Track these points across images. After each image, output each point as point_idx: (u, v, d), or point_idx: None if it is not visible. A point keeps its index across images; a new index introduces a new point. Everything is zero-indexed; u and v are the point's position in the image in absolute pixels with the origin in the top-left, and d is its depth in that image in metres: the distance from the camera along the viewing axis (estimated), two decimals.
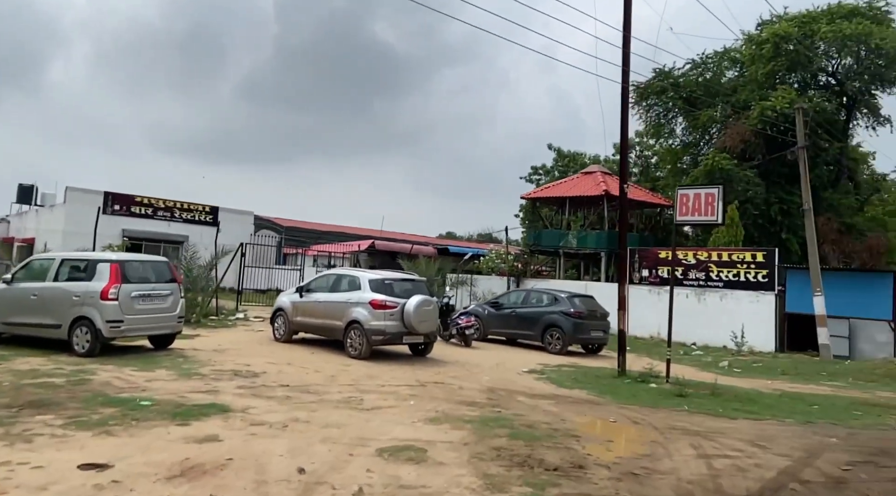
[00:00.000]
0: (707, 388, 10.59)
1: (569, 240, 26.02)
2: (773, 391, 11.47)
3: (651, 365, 12.05)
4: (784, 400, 10.33)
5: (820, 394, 11.36)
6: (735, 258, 20.58)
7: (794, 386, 12.79)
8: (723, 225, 11.25)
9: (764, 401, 9.94)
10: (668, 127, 31.02)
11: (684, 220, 11.26)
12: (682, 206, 11.17)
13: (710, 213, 10.79)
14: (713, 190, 10.83)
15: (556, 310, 15.43)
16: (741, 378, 13.85)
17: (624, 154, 11.99)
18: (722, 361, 16.27)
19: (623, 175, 12.02)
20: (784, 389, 11.94)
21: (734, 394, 10.26)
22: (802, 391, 11.82)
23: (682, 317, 21.67)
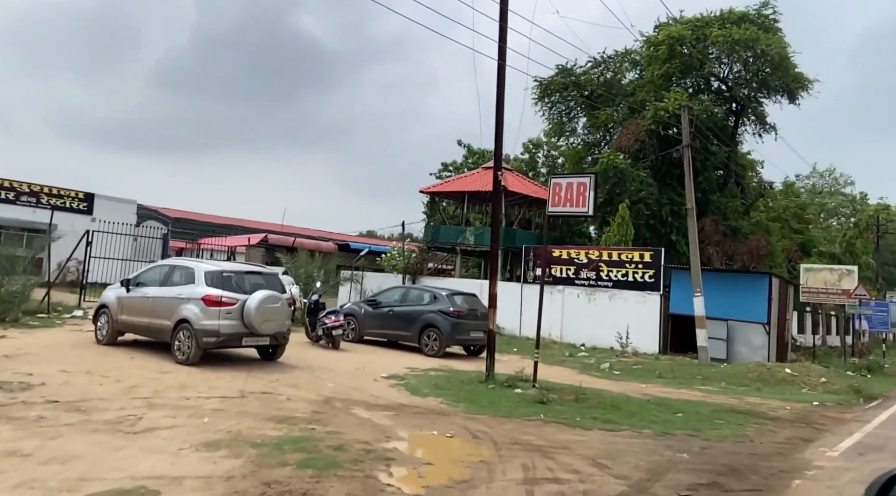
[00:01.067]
0: (574, 394, 10.04)
1: (466, 236, 25.38)
2: (643, 396, 11.12)
3: (523, 368, 11.40)
4: (650, 406, 9.93)
5: (688, 400, 11.12)
6: (624, 258, 20.65)
7: (666, 390, 12.59)
8: (593, 217, 10.54)
9: (628, 409, 9.46)
10: (570, 125, 31.20)
11: (557, 212, 10.64)
12: (555, 196, 10.56)
13: (582, 203, 10.23)
14: (585, 179, 10.26)
15: (435, 309, 14.55)
16: (618, 381, 13.56)
17: (499, 140, 11.22)
18: (604, 363, 16.04)
19: (497, 162, 11.25)
20: (655, 394, 11.66)
21: (599, 400, 9.74)
22: (672, 396, 11.57)
23: (572, 317, 21.65)
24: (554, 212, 10.65)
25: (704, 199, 26.79)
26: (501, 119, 11.19)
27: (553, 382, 11.47)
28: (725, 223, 26.22)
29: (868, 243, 46.38)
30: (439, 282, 25.81)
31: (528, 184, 27.36)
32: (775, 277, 18.28)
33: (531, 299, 22.46)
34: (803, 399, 12.66)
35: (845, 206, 68.20)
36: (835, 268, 23.04)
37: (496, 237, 11.59)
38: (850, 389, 13.87)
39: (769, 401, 12.05)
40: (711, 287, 18.49)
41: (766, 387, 14.09)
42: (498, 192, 11.21)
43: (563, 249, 22.38)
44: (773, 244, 25.65)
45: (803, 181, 74.14)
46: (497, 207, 11.29)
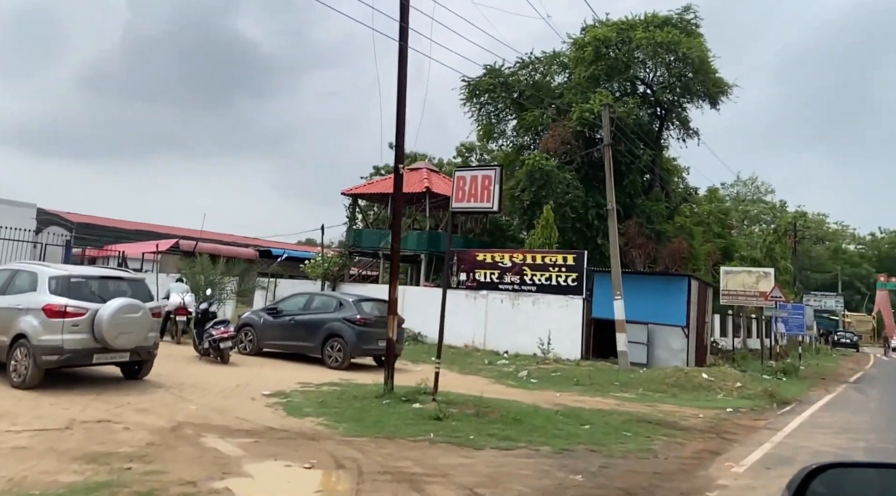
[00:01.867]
0: (476, 407, 9.26)
1: (388, 241, 24.33)
2: (554, 406, 10.48)
3: (424, 380, 10.54)
4: (557, 418, 9.27)
5: (600, 410, 10.56)
6: (548, 261, 20.23)
7: (580, 399, 12.03)
8: (498, 213, 9.88)
9: (532, 422, 8.75)
10: (499, 127, 30.82)
11: (460, 207, 9.86)
12: (459, 190, 9.78)
13: (486, 198, 9.49)
14: (490, 172, 9.52)
15: (340, 316, 13.50)
16: (533, 390, 12.93)
17: (400, 130, 10.33)
18: (522, 371, 15.42)
19: (398, 154, 10.34)
20: (567, 403, 11.05)
21: (502, 414, 8.99)
22: (585, 406, 10.99)
23: (496, 323, 21.03)
24: (458, 208, 9.87)
25: (629, 203, 26.91)
26: (403, 106, 10.34)
27: (459, 394, 10.68)
28: (650, 226, 26.38)
29: (786, 248, 48.53)
30: (360, 288, 24.73)
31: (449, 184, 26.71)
32: (694, 279, 18.26)
33: (456, 306, 21.73)
34: (717, 405, 12.39)
35: (766, 214, 71.57)
36: (752, 270, 23.48)
37: (397, 236, 10.70)
38: (765, 394, 13.76)
39: (683, 409, 11.68)
40: (632, 290, 18.26)
41: (682, 392, 13.80)
42: (398, 185, 10.32)
43: (487, 253, 21.77)
44: (696, 248, 25.99)
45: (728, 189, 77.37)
46: (398, 203, 10.39)
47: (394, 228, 10.53)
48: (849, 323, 67.59)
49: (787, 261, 47.72)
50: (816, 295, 58.46)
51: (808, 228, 75.97)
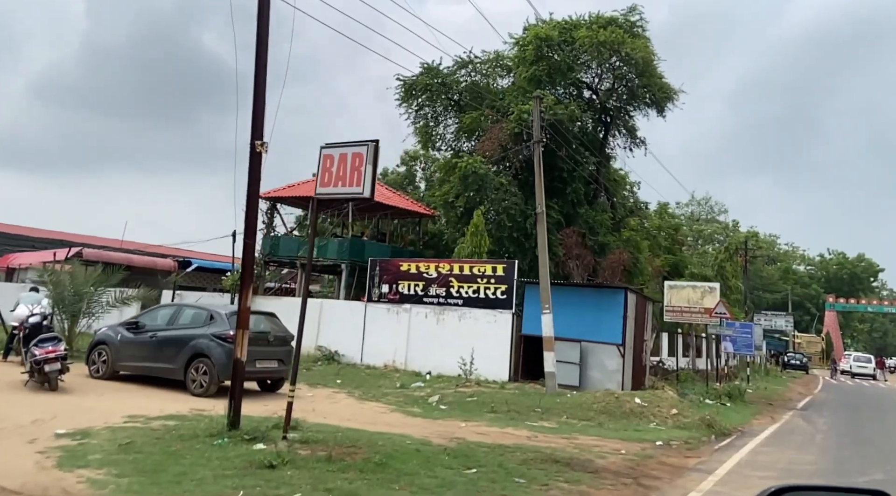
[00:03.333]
0: (335, 447, 7.37)
1: (307, 249, 22.24)
2: (447, 442, 8.66)
3: (310, 410, 8.62)
4: (440, 460, 7.45)
5: (502, 445, 8.78)
6: (476, 271, 18.53)
7: (486, 430, 10.26)
8: (371, 200, 7.97)
9: (402, 466, 6.90)
10: (436, 131, 29.22)
11: (326, 193, 8.01)
12: (325, 172, 7.94)
13: (356, 181, 7.68)
14: (361, 149, 7.71)
15: (208, 332, 11.39)
16: (437, 419, 11.10)
17: (259, 96, 8.45)
18: (435, 396, 13.58)
19: (255, 127, 8.41)
20: (466, 437, 9.25)
21: (367, 456, 7.12)
22: (486, 440, 9.21)
23: (419, 340, 19.15)
24: (324, 194, 8.01)
25: (572, 212, 25.61)
26: (264, 65, 8.48)
27: (335, 428, 8.81)
28: (593, 237, 25.07)
29: (737, 267, 48.35)
30: (275, 302, 22.51)
31: (385, 191, 24.84)
32: (632, 293, 16.83)
33: (376, 321, 19.83)
34: (647, 436, 10.80)
35: (720, 233, 72.20)
36: (697, 285, 22.36)
37: (252, 231, 8.75)
38: (702, 423, 12.27)
39: (605, 442, 10.03)
40: (564, 304, 16.71)
41: (610, 420, 12.20)
42: (255, 168, 8.38)
43: (411, 262, 19.95)
44: (641, 262, 24.74)
45: (683, 208, 78.07)
46: (253, 187, 8.43)
47: (247, 221, 8.56)
48: (799, 344, 68.27)
49: (738, 280, 47.54)
50: (767, 314, 58.68)
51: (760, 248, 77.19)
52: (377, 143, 7.77)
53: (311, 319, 20.98)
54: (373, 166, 7.71)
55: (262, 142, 8.38)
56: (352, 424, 9.54)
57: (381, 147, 7.84)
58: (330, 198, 7.83)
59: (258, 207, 8.06)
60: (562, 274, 21.48)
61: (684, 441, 10.97)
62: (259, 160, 8.41)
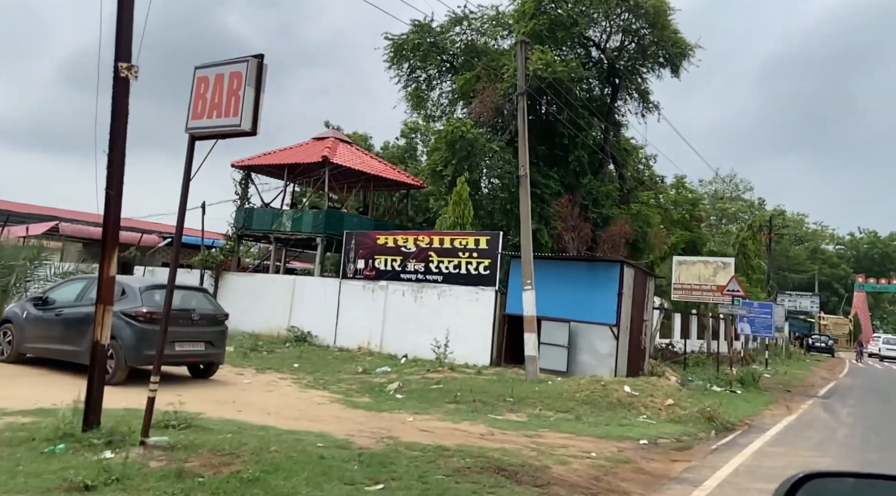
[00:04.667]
0: (215, 455, 5.82)
1: (282, 221, 20.75)
2: (369, 444, 7.07)
3: (235, 400, 7.07)
4: (344, 470, 5.85)
5: (439, 447, 7.16)
6: (457, 244, 16.83)
7: (436, 426, 8.65)
8: (253, 134, 6.09)
9: (286, 482, 5.32)
10: (430, 97, 27.35)
11: (198, 127, 6.27)
12: (199, 99, 6.25)
13: (233, 111, 5.97)
14: (239, 67, 5.99)
15: (117, 310, 9.83)
16: (384, 412, 9.53)
17: (127, 6, 6.79)
18: (395, 383, 12.00)
19: (120, 46, 6.73)
20: (403, 436, 7.64)
21: (242, 467, 5.55)
22: (425, 440, 7.59)
23: (396, 321, 17.55)
24: (196, 127, 6.30)
25: (574, 182, 23.71)
26: None
27: (233, 426, 7.28)
28: (597, 210, 23.20)
29: (760, 245, 46.03)
30: (247, 280, 21.13)
31: (368, 159, 23.15)
32: (629, 267, 14.98)
33: (351, 299, 18.28)
34: (630, 433, 9.11)
35: (744, 211, 69.41)
36: (710, 260, 20.41)
37: (118, 181, 7.07)
38: (701, 416, 10.53)
39: (576, 441, 8.37)
40: (552, 279, 15.00)
41: (592, 412, 10.52)
42: (120, 98, 6.70)
43: (388, 235, 18.30)
44: (650, 236, 22.71)
45: (706, 186, 75.26)
46: (119, 122, 6.74)
47: (111, 165, 6.88)
48: (825, 325, 65.65)
49: (761, 259, 45.27)
50: (791, 295, 56.21)
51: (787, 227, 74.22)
52: (261, 59, 6.05)
53: (283, 298, 19.64)
54: (255, 90, 5.99)
55: (130, 65, 6.71)
56: (268, 420, 8.00)
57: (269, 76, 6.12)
58: (203, 133, 6.17)
59: (125, 148, 6.41)
60: (558, 248, 19.70)
61: (676, 438, 9.27)
62: (125, 87, 6.74)
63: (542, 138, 24.30)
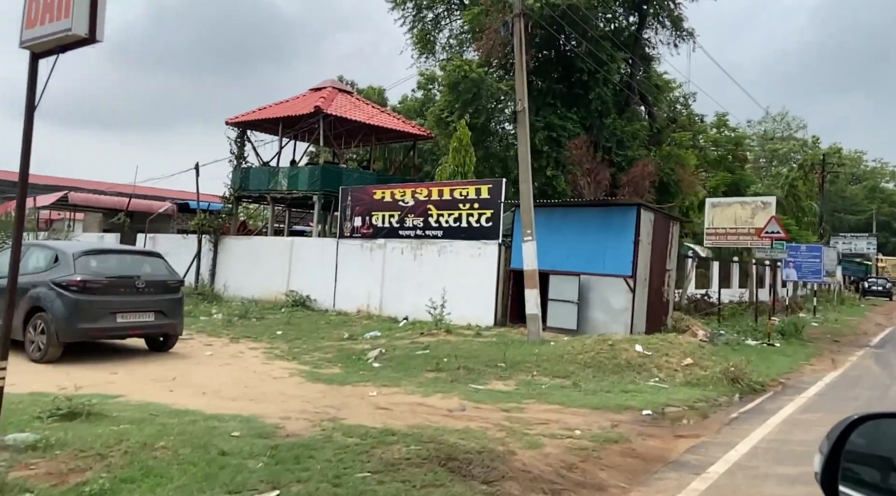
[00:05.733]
0: (77, 457, 4.77)
1: (279, 180, 19.64)
2: (302, 429, 5.96)
3: None
4: (233, 472, 4.71)
5: (388, 430, 5.97)
6: (458, 195, 15.40)
7: (402, 400, 7.49)
8: (92, 40, 4.59)
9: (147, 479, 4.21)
10: (436, 36, 25.51)
11: (32, 39, 4.91)
12: (32, 5, 4.90)
13: (63, 13, 4.63)
14: None
15: (47, 279, 8.91)
16: (346, 384, 8.43)
17: None
18: (377, 350, 10.86)
19: None
20: (349, 417, 6.50)
21: (98, 474, 4.48)
22: (377, 420, 6.42)
23: (395, 281, 16.35)
24: (31, 39, 4.96)
25: (597, 123, 21.78)
26: None
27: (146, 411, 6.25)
28: (621, 152, 21.28)
29: (812, 186, 43.00)
30: (245, 243, 20.25)
31: (370, 109, 21.68)
32: (648, 210, 13.28)
33: (349, 260, 17.17)
34: (633, 402, 7.76)
35: (796, 151, 65.26)
36: (747, 200, 18.47)
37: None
38: (724, 377, 9.07)
39: (563, 415, 7.08)
40: (560, 228, 13.54)
41: (595, 377, 9.19)
42: None
43: (385, 189, 16.99)
44: (682, 178, 20.61)
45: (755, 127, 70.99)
46: None
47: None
48: (883, 268, 61.83)
49: (813, 200, 42.33)
50: (846, 237, 52.83)
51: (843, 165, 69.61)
52: None
53: (281, 262, 18.67)
54: None
55: None
56: (199, 401, 6.97)
57: None
58: (39, 45, 4.90)
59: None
60: (574, 195, 18.03)
61: (689, 406, 7.89)
62: None
63: (561, 76, 22.34)
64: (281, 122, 19.91)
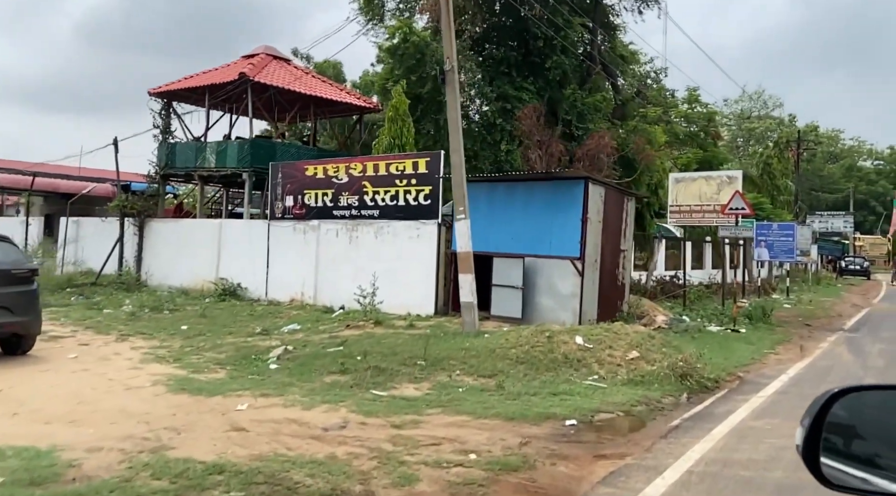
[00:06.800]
0: None
1: (206, 156, 18.03)
2: (95, 471, 4.61)
3: None
4: None
5: (216, 466, 4.65)
6: (393, 170, 14.01)
7: (275, 415, 6.16)
8: None
9: None
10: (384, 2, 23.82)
11: None
12: None
13: None
14: None
15: None
16: (219, 395, 7.05)
17: None
18: (279, 348, 9.48)
19: None
20: (182, 447, 5.16)
21: None
22: (216, 447, 5.09)
23: (330, 266, 14.90)
24: None
25: (556, 95, 20.44)
26: None
27: None
28: (581, 125, 19.99)
29: (788, 164, 42.36)
30: (172, 226, 18.71)
31: (308, 79, 20.07)
32: (597, 185, 12.00)
33: (282, 244, 15.70)
34: (558, 408, 6.52)
35: (773, 130, 64.74)
36: (713, 175, 17.35)
37: None
38: (672, 373, 7.87)
39: (466, 429, 5.82)
40: (503, 206, 12.28)
41: (525, 376, 7.94)
42: None
43: (318, 165, 15.54)
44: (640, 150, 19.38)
45: (732, 106, 70.19)
46: None
47: None
48: (860, 246, 61.77)
49: (789, 179, 41.67)
50: (822, 215, 52.41)
51: (820, 144, 69.22)
52: None
53: (209, 245, 17.12)
54: None
55: None
56: (6, 424, 5.59)
57: None
58: None
59: None
60: (526, 169, 16.73)
61: (625, 411, 6.68)
62: None
63: (518, 43, 20.94)
64: (207, 91, 18.23)
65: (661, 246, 22.09)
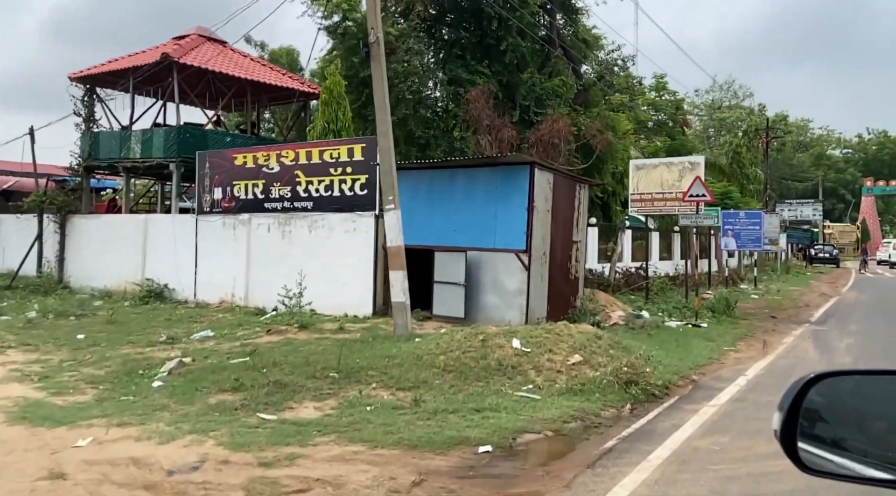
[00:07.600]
0: None
1: (131, 146, 16.64)
2: None
3: None
4: None
5: None
6: (327, 157, 12.85)
7: (119, 452, 5.03)
8: None
9: None
10: None
11: None
12: None
13: None
14: None
15: None
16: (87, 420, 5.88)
17: None
18: (174, 360, 8.28)
19: None
20: None
21: None
22: None
23: (262, 264, 13.65)
24: None
25: (514, 79, 19.39)
26: None
27: None
28: (540, 111, 18.98)
29: (757, 152, 42.16)
30: (98, 223, 17.31)
31: (246, 62, 18.73)
32: (544, 171, 10.98)
33: (211, 240, 14.42)
34: (476, 430, 5.49)
35: (744, 120, 64.78)
36: (674, 161, 16.46)
37: None
38: (616, 379, 6.89)
39: (354, 465, 4.76)
40: (444, 195, 11.23)
41: (451, 388, 6.90)
42: None
43: (247, 153, 14.30)
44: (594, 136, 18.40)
45: (703, 96, 70.15)
46: None
47: None
48: (830, 234, 62.07)
49: (758, 168, 41.41)
50: (791, 203, 52.44)
51: (790, 133, 69.45)
52: None
53: (135, 244, 15.77)
54: None
55: None
56: None
57: None
58: None
59: None
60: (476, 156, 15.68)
61: (554, 430, 5.68)
62: None
63: (472, 26, 19.85)
64: (130, 75, 16.81)
65: (625, 237, 21.26)
